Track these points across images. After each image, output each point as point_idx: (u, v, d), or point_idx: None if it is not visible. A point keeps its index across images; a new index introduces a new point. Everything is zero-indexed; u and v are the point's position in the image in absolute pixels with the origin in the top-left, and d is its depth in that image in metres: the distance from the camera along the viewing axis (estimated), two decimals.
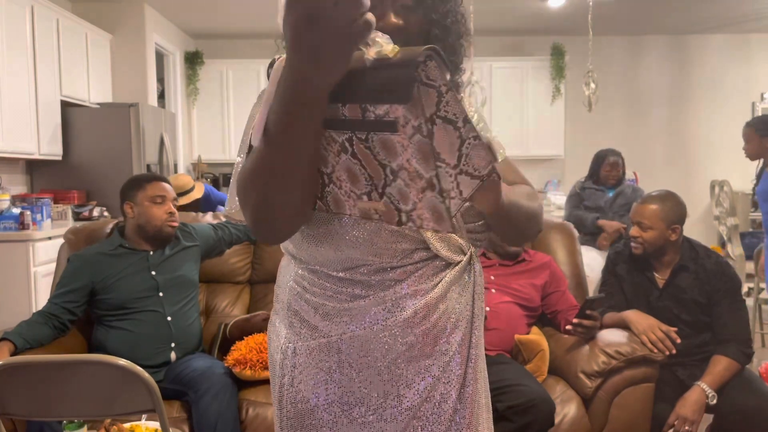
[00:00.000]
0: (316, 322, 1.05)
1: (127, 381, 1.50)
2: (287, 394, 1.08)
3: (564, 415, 2.26)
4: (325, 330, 1.04)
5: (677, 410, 2.21)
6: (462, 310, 1.07)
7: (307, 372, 1.05)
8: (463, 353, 1.07)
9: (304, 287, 1.07)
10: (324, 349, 1.04)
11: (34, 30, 4.48)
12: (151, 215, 2.46)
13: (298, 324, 1.07)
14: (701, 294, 2.37)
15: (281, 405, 1.10)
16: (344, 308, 1.03)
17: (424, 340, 1.03)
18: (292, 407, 1.07)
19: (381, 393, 1.03)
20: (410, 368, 1.04)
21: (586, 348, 2.35)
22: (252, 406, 2.27)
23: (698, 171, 7.55)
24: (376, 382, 1.03)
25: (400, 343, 1.02)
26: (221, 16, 6.45)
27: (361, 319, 1.02)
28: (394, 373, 1.03)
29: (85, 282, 2.39)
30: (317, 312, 1.05)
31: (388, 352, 1.02)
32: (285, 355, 1.08)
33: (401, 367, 1.03)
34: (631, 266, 2.50)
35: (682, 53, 7.56)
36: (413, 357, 1.03)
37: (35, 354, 2.18)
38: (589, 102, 5.42)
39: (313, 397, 1.05)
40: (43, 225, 4.17)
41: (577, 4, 5.97)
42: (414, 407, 1.04)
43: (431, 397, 1.04)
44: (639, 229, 2.42)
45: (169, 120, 5.96)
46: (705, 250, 2.46)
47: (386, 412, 1.03)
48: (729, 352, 2.29)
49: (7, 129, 4.16)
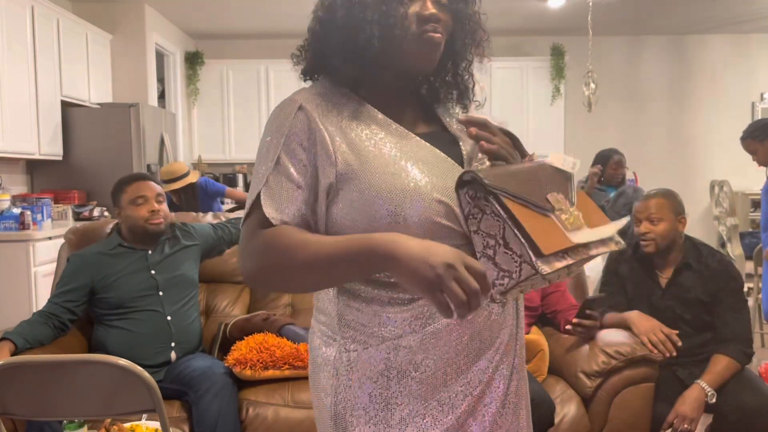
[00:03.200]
0: (369, 329, 1.05)
1: (127, 381, 1.50)
2: (341, 402, 1.07)
3: (564, 415, 2.26)
4: (378, 335, 1.04)
5: (676, 408, 2.21)
6: (509, 304, 1.12)
7: (360, 378, 1.05)
8: (512, 345, 1.12)
9: (353, 294, 1.07)
10: (377, 353, 1.04)
11: (34, 30, 4.48)
12: (134, 217, 2.46)
13: (348, 332, 1.07)
14: (704, 293, 2.37)
15: (336, 415, 1.07)
16: (394, 311, 1.04)
17: (481, 335, 1.06)
18: (345, 414, 1.06)
19: (432, 397, 1.05)
20: (465, 370, 1.06)
21: (586, 348, 2.35)
22: (252, 405, 2.27)
23: (698, 171, 7.55)
24: (429, 386, 1.05)
25: (453, 341, 1.04)
26: (221, 16, 6.45)
27: (412, 320, 1.04)
28: (448, 376, 1.05)
29: (85, 281, 2.39)
30: (370, 317, 1.05)
31: (439, 353, 1.04)
32: (336, 365, 1.07)
33: (457, 367, 1.05)
34: (634, 265, 2.49)
35: (682, 53, 7.56)
36: (468, 355, 1.05)
37: (35, 354, 2.18)
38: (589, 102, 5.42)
39: (369, 402, 1.05)
40: (43, 225, 4.18)
41: (577, 4, 5.97)
42: (466, 414, 1.07)
43: (483, 397, 1.08)
44: (649, 224, 2.40)
45: (169, 120, 5.96)
46: (708, 248, 2.46)
47: (437, 418, 1.06)
48: (729, 352, 2.28)
49: (7, 129, 4.16)
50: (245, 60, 7.21)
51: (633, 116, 7.59)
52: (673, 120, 7.61)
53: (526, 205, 0.98)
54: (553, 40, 7.31)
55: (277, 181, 1.03)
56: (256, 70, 7.16)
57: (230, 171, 7.43)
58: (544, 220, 0.99)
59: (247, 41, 7.38)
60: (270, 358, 2.32)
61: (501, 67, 7.13)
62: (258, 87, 7.17)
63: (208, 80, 7.19)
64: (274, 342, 2.38)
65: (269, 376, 2.33)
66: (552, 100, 7.24)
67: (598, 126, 7.45)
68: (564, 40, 7.25)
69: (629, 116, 7.58)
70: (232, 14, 6.38)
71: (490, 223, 0.99)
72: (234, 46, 7.40)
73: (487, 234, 0.99)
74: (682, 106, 7.60)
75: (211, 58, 7.21)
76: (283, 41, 7.26)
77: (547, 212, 1.00)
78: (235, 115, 7.21)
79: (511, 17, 6.63)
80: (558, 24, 6.90)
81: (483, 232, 1.00)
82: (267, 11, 6.25)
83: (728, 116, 7.50)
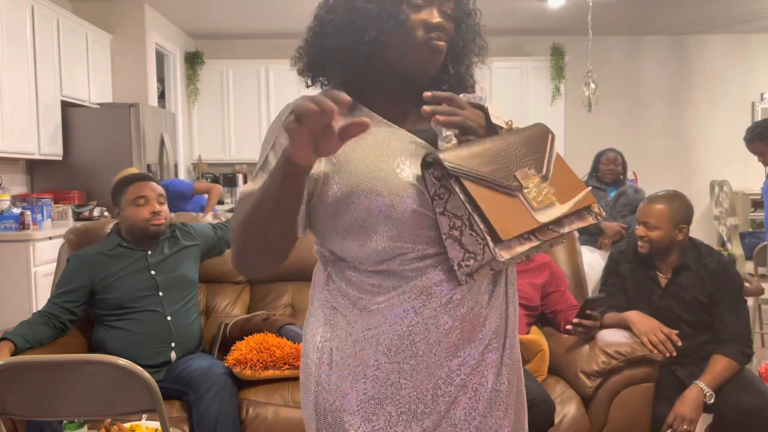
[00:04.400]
0: (354, 317, 1.07)
1: (127, 381, 1.50)
2: (323, 393, 1.08)
3: (564, 414, 2.26)
4: (363, 324, 1.06)
5: (675, 409, 2.21)
6: (497, 296, 1.10)
7: (345, 368, 1.07)
8: (499, 340, 1.10)
9: (340, 284, 1.09)
10: (362, 343, 1.06)
11: (34, 30, 4.49)
12: (134, 218, 2.45)
13: (335, 320, 1.09)
14: (703, 293, 2.37)
15: (317, 404, 1.10)
16: (380, 300, 1.05)
17: (462, 325, 1.05)
18: (329, 405, 1.08)
19: (416, 387, 1.05)
20: (448, 359, 1.05)
21: (586, 348, 2.35)
22: (252, 406, 2.27)
23: (698, 171, 7.55)
24: (413, 375, 1.05)
25: (438, 331, 1.04)
26: (221, 16, 6.45)
27: (398, 309, 1.04)
28: (431, 365, 1.05)
29: (85, 282, 2.39)
30: (355, 306, 1.07)
31: (424, 342, 1.04)
32: (322, 353, 1.09)
33: (441, 357, 1.05)
34: (635, 265, 2.49)
35: (682, 53, 7.56)
36: (452, 345, 1.05)
37: (35, 354, 2.18)
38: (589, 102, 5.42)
39: (351, 392, 1.06)
40: (43, 225, 4.18)
41: (577, 4, 5.97)
42: (447, 405, 1.06)
43: (466, 389, 1.07)
44: (645, 229, 2.42)
45: (169, 120, 5.96)
46: (707, 249, 2.46)
47: (419, 409, 1.06)
48: (729, 352, 2.28)
49: (7, 129, 4.16)
50: (245, 60, 7.21)
51: (633, 116, 7.59)
52: (673, 120, 7.61)
53: (490, 185, 0.96)
54: (553, 40, 7.31)
55: (262, 177, 1.06)
56: (256, 70, 7.16)
57: (230, 171, 7.43)
58: (507, 201, 0.97)
59: (247, 41, 7.38)
60: (270, 358, 2.32)
61: (501, 67, 7.13)
62: (258, 87, 7.17)
63: (208, 80, 7.20)
64: (274, 342, 2.38)
65: (269, 376, 2.33)
66: (552, 100, 7.24)
67: (598, 126, 7.45)
68: (564, 40, 7.25)
69: (629, 116, 7.58)
70: (232, 14, 6.38)
71: (456, 204, 0.97)
72: (234, 46, 7.40)
73: (454, 215, 0.97)
74: (682, 106, 7.60)
75: (211, 58, 7.21)
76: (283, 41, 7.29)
77: (513, 191, 0.98)
78: (235, 115, 7.21)
79: (511, 17, 6.63)
80: (558, 24, 6.90)
81: (449, 213, 0.98)
82: (267, 11, 6.25)
83: (728, 116, 7.50)
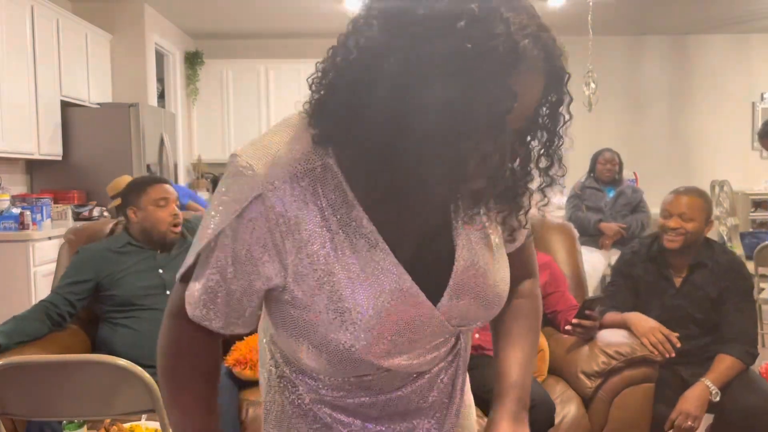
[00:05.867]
0: (294, 384, 1.03)
1: (127, 381, 1.50)
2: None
3: (564, 415, 2.26)
4: (301, 391, 1.03)
5: (680, 405, 2.20)
6: (450, 374, 1.03)
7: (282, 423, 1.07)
8: (453, 405, 1.04)
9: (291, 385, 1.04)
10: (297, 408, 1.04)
11: (34, 30, 4.48)
12: (156, 219, 2.46)
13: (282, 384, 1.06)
14: (714, 289, 2.36)
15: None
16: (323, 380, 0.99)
17: (410, 396, 0.99)
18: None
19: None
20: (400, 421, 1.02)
21: (586, 348, 2.35)
22: (252, 406, 2.27)
23: (698, 171, 7.54)
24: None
25: (368, 412, 1.00)
26: (221, 16, 6.45)
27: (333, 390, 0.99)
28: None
29: (91, 275, 2.39)
30: (297, 374, 1.02)
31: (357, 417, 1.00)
32: (268, 412, 1.11)
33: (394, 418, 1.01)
34: (648, 266, 2.47)
35: (682, 53, 7.56)
36: (399, 413, 1.01)
37: (36, 353, 2.18)
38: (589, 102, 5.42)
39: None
40: (43, 225, 4.17)
41: (577, 4, 5.97)
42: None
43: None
44: (680, 220, 2.37)
45: (169, 120, 5.96)
46: (721, 247, 2.47)
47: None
48: (734, 352, 2.27)
49: (7, 129, 4.16)
50: (245, 60, 7.21)
51: (633, 116, 7.58)
52: (673, 120, 7.61)
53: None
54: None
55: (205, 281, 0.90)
56: (256, 70, 7.15)
57: None
58: None
59: (247, 41, 7.37)
60: None
61: None
62: (258, 87, 7.16)
63: (207, 80, 7.19)
64: None
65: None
66: None
67: (598, 126, 7.44)
68: (564, 39, 7.13)
69: (629, 116, 7.58)
70: (232, 14, 6.37)
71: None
72: (234, 46, 7.39)
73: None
74: (682, 106, 7.60)
75: (210, 58, 7.20)
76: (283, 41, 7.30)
77: None
78: (234, 115, 7.21)
79: None
80: (558, 24, 6.84)
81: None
82: (267, 11, 6.25)
83: (728, 116, 7.49)
